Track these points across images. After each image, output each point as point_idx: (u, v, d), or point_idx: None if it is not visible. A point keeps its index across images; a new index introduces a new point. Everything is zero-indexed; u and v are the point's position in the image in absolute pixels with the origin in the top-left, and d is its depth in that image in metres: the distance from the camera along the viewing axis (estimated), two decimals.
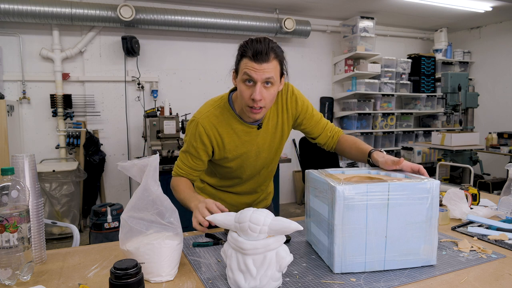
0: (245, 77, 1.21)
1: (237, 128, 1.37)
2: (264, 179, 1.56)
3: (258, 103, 1.22)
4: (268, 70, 1.19)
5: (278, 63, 1.23)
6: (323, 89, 5.47)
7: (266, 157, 1.46)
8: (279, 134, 1.44)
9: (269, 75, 1.19)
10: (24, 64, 3.96)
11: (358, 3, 4.63)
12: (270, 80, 1.20)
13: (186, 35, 4.56)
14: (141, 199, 0.99)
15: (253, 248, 0.88)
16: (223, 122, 1.36)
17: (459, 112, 4.00)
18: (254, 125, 1.37)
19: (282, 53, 1.25)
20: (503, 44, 5.53)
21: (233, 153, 1.39)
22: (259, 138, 1.40)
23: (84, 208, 4.10)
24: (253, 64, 1.18)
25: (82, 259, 1.11)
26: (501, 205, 1.49)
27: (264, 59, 1.18)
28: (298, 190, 5.32)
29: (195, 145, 1.36)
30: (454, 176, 4.55)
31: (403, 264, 1.02)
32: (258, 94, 1.19)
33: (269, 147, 1.44)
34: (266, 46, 1.18)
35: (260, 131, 1.39)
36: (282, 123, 1.43)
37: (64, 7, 3.77)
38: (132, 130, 4.43)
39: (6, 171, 0.94)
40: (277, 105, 1.41)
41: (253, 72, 1.19)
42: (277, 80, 1.24)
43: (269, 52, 1.18)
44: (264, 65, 1.18)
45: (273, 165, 1.55)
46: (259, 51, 1.17)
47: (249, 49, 1.19)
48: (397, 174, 1.17)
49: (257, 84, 1.19)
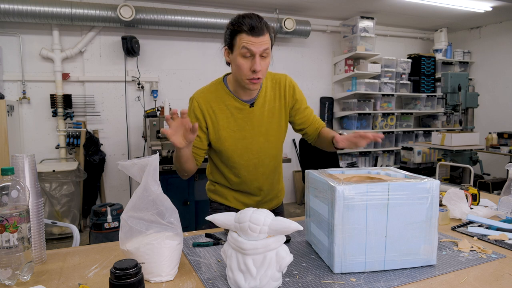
0: (244, 51, 1.28)
1: (230, 105, 1.43)
2: (268, 172, 1.54)
3: (258, 74, 1.30)
4: (264, 42, 1.28)
5: (270, 36, 1.32)
6: (323, 89, 5.47)
7: (264, 142, 1.48)
8: (276, 119, 1.48)
9: (266, 46, 1.29)
10: (24, 64, 3.96)
11: (358, 3, 4.63)
12: (266, 51, 1.29)
13: (186, 35, 4.56)
14: (141, 199, 0.99)
15: (253, 248, 0.88)
16: (217, 98, 1.43)
17: (459, 112, 4.00)
18: (247, 102, 1.43)
19: (270, 26, 1.35)
20: (503, 44, 5.53)
21: (226, 130, 1.43)
22: (253, 119, 1.44)
23: (84, 208, 4.10)
24: (250, 38, 1.26)
25: (82, 259, 1.11)
26: (501, 205, 1.49)
27: (260, 32, 1.27)
28: (298, 190, 5.32)
29: (191, 121, 1.41)
30: (454, 176, 4.55)
31: (403, 264, 1.02)
32: (259, 65, 1.28)
33: (266, 131, 1.47)
34: (259, 20, 1.29)
35: (253, 111, 1.44)
36: (279, 109, 1.49)
37: (64, 7, 3.77)
38: (132, 130, 4.43)
39: (6, 171, 0.94)
40: (274, 91, 1.48)
41: (252, 45, 1.27)
42: (270, 51, 1.33)
43: (263, 26, 1.29)
44: (261, 38, 1.27)
45: (275, 155, 1.54)
46: (255, 26, 1.26)
47: (244, 24, 1.27)
48: (397, 174, 1.17)
49: (256, 56, 1.28)
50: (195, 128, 1.20)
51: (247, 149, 1.46)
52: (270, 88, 1.48)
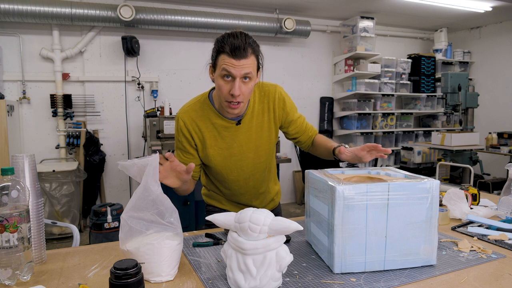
0: (224, 73, 1.21)
1: (216, 123, 1.37)
2: (259, 184, 1.51)
3: (237, 98, 1.23)
4: (246, 66, 1.19)
5: (255, 58, 1.24)
6: (323, 89, 5.47)
7: (254, 157, 1.43)
8: (266, 133, 1.43)
9: (248, 70, 1.20)
10: (24, 64, 3.96)
11: (358, 3, 4.63)
12: (248, 76, 1.22)
13: (186, 35, 4.56)
14: (141, 199, 0.99)
15: (253, 248, 0.88)
16: (203, 116, 1.38)
17: (459, 112, 4.00)
18: (233, 120, 1.37)
19: (258, 47, 1.26)
20: (503, 44, 5.53)
21: (214, 148, 1.39)
22: (241, 136, 1.39)
23: (84, 208, 4.10)
24: (231, 60, 1.18)
25: (82, 259, 1.11)
26: (501, 205, 1.49)
27: (242, 55, 1.18)
28: (298, 190, 5.32)
29: (180, 139, 1.40)
30: (454, 176, 4.55)
31: (403, 264, 1.02)
32: (237, 90, 1.20)
33: (255, 147, 1.42)
34: (244, 42, 1.18)
35: (240, 128, 1.38)
36: (268, 122, 1.42)
37: (64, 7, 3.77)
38: (132, 130, 4.43)
39: (6, 171, 0.94)
40: (263, 105, 1.41)
41: (232, 68, 1.19)
42: (255, 74, 1.25)
43: (247, 48, 1.19)
44: (242, 61, 1.18)
45: (266, 167, 1.50)
46: (237, 47, 1.17)
47: (226, 44, 1.19)
48: (397, 174, 1.17)
49: (236, 80, 1.20)
50: (190, 168, 1.14)
51: (237, 166, 1.42)
52: (258, 102, 1.40)
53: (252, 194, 1.52)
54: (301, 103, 5.23)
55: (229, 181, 1.46)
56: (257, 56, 1.25)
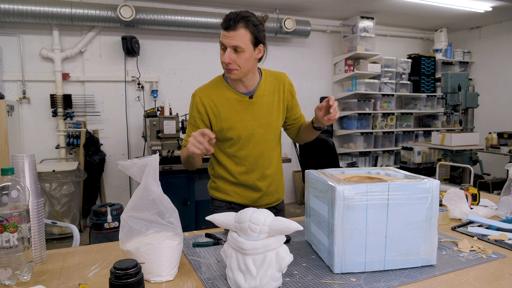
0: (220, 44, 1.37)
1: (231, 97, 1.49)
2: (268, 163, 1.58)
3: (229, 65, 1.36)
4: (234, 38, 1.32)
5: (249, 32, 1.35)
6: (323, 89, 5.47)
7: (264, 133, 1.53)
8: (275, 112, 1.54)
9: (236, 43, 1.33)
10: (24, 64, 3.96)
11: (358, 3, 4.63)
12: (237, 48, 1.33)
13: (186, 35, 4.56)
14: (141, 198, 0.99)
15: (253, 248, 0.88)
16: (218, 92, 1.50)
17: (459, 112, 4.00)
18: (246, 94, 1.49)
19: (258, 23, 1.39)
20: (503, 44, 5.53)
21: (228, 122, 1.48)
22: (254, 110, 1.50)
23: (84, 208, 4.10)
24: (224, 32, 1.35)
25: (82, 259, 1.11)
26: (501, 205, 1.49)
27: (231, 27, 1.32)
28: (298, 190, 5.32)
29: (193, 115, 1.51)
30: (454, 176, 4.55)
31: (403, 264, 1.02)
32: (226, 58, 1.34)
33: (266, 123, 1.52)
34: (236, 16, 1.33)
35: (253, 102, 1.49)
36: (278, 103, 1.54)
37: (64, 7, 3.77)
38: (132, 130, 4.43)
39: (6, 171, 0.94)
40: (273, 85, 1.53)
41: (223, 39, 1.34)
42: (248, 47, 1.35)
43: (238, 20, 1.32)
44: (231, 32, 1.33)
45: (274, 147, 1.59)
46: (228, 20, 1.32)
47: (223, 19, 1.35)
48: (397, 174, 1.17)
49: (227, 49, 1.34)
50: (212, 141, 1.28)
51: (249, 139, 1.51)
52: (270, 83, 1.53)
53: (260, 174, 1.57)
54: (301, 103, 5.12)
55: (241, 155, 1.53)
56: (251, 31, 1.35)
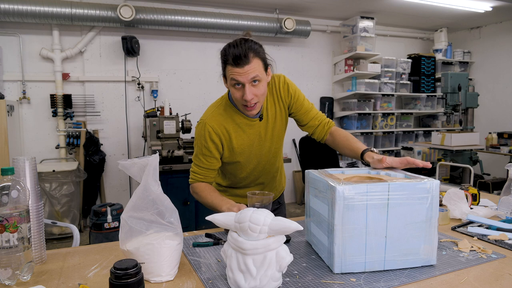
0: (233, 82, 1.28)
1: (241, 122, 1.44)
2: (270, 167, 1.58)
3: (251, 101, 1.29)
4: (251, 71, 1.25)
5: (260, 59, 1.28)
6: (323, 89, 5.47)
7: (270, 146, 1.52)
8: (279, 122, 1.51)
9: (254, 74, 1.25)
10: (24, 64, 3.96)
11: (358, 3, 4.63)
12: (256, 79, 1.27)
13: (186, 35, 4.56)
14: (141, 198, 0.99)
15: (253, 248, 0.88)
16: (228, 118, 1.43)
17: (459, 112, 3.99)
18: (255, 117, 1.44)
19: (261, 47, 1.31)
20: (503, 44, 5.53)
21: (240, 147, 1.45)
22: (260, 129, 1.47)
23: (84, 208, 4.10)
24: (236, 69, 1.24)
25: (82, 259, 1.11)
26: (501, 205, 1.49)
27: (244, 62, 1.23)
28: (298, 190, 5.32)
29: (207, 145, 1.42)
30: (454, 176, 4.54)
31: (403, 264, 1.02)
32: (249, 95, 1.27)
33: (271, 136, 1.50)
34: (243, 49, 1.24)
35: (262, 122, 1.46)
36: (280, 111, 1.50)
37: (64, 7, 3.77)
38: (132, 130, 4.43)
39: (6, 171, 0.94)
40: (273, 96, 1.49)
41: (239, 76, 1.25)
42: (263, 75, 1.30)
43: (248, 54, 1.24)
44: (246, 67, 1.24)
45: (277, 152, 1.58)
46: (238, 56, 1.23)
47: (229, 55, 1.25)
48: (397, 174, 1.17)
49: (246, 86, 1.26)
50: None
51: (255, 155, 1.50)
52: (269, 94, 1.48)
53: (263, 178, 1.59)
54: None
55: (245, 168, 1.52)
56: (261, 58, 1.29)
